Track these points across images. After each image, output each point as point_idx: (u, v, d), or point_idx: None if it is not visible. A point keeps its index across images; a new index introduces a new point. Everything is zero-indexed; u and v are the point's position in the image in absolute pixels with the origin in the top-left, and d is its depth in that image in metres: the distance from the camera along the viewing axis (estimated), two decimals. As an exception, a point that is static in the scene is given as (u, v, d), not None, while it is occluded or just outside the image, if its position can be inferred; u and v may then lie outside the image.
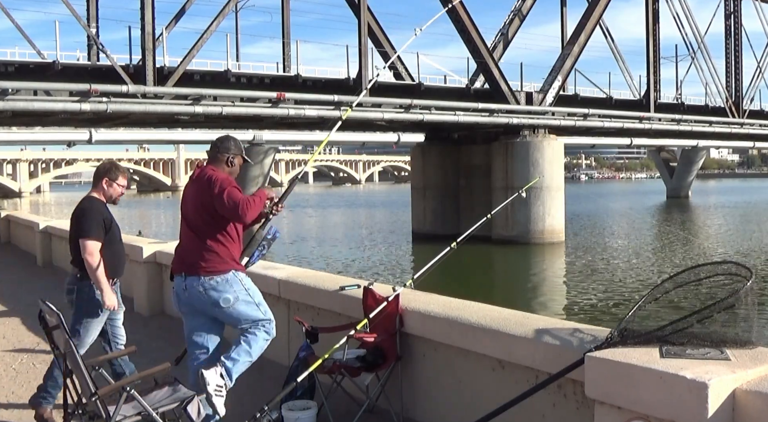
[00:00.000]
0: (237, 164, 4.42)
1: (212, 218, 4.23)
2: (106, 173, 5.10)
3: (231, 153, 4.39)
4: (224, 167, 4.36)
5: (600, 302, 17.41)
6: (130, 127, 30.10)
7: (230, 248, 4.28)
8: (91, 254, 4.84)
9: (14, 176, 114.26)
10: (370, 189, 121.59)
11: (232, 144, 4.44)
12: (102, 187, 5.09)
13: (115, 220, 5.14)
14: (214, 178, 4.22)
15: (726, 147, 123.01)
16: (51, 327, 3.87)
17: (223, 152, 4.38)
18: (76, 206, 5.12)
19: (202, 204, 4.25)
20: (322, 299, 5.41)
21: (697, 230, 37.68)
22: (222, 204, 4.13)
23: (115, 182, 5.12)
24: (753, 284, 3.01)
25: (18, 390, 5.61)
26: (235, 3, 26.96)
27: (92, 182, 5.15)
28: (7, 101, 20.89)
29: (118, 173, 5.13)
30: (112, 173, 5.10)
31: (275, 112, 25.38)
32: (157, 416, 3.65)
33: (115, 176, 5.12)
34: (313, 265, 22.15)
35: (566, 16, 38.15)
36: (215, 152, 4.39)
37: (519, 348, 3.77)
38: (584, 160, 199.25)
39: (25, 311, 8.16)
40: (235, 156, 4.41)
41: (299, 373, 4.31)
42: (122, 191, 5.22)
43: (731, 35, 43.42)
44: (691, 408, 2.73)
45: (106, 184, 5.09)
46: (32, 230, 14.54)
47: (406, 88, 29.42)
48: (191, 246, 4.32)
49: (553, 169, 29.53)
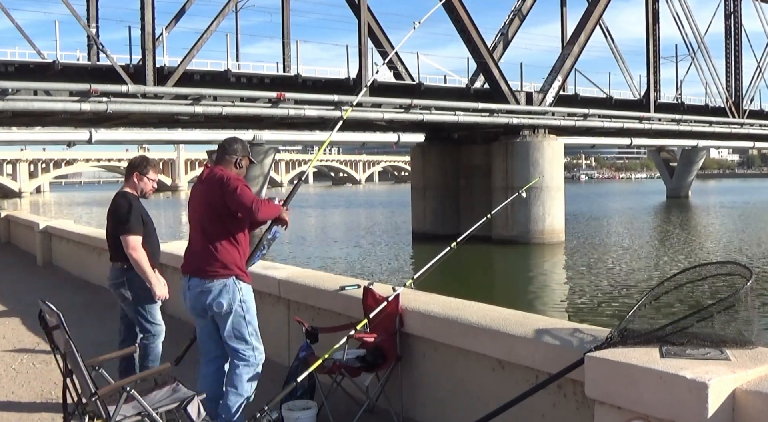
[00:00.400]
0: (244, 166, 4.44)
1: (219, 218, 4.24)
2: (137, 167, 5.24)
3: (239, 155, 4.41)
4: (233, 169, 4.38)
5: (600, 302, 17.40)
6: (130, 127, 30.08)
7: (233, 253, 4.27)
8: (135, 249, 4.98)
9: (14, 176, 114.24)
10: (370, 189, 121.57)
11: (240, 146, 4.45)
12: (133, 181, 5.24)
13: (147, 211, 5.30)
14: (227, 176, 4.25)
15: (726, 147, 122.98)
16: (51, 327, 3.86)
17: (231, 153, 4.40)
18: (111, 202, 5.24)
19: (209, 204, 4.27)
20: (322, 299, 5.41)
21: (697, 230, 37.69)
22: (235, 200, 4.15)
23: (146, 176, 5.26)
24: (753, 284, 3.02)
25: (18, 390, 5.61)
26: (235, 3, 26.95)
27: (124, 177, 5.33)
28: (7, 101, 20.88)
29: (148, 167, 5.26)
30: (142, 168, 5.23)
31: (275, 112, 25.37)
32: (157, 416, 3.65)
33: (146, 171, 5.25)
34: (313, 265, 22.16)
35: (566, 16, 38.14)
36: (223, 154, 4.41)
37: (519, 348, 3.77)
38: (584, 160, 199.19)
39: (25, 311, 8.15)
40: (243, 158, 4.43)
41: (299, 373, 4.31)
42: (153, 186, 5.37)
43: (731, 35, 43.41)
44: (691, 408, 2.73)
45: (137, 178, 5.23)
46: (32, 230, 14.54)
47: (406, 88, 29.41)
48: (197, 247, 4.36)
49: (553, 169, 29.52)
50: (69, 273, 12.24)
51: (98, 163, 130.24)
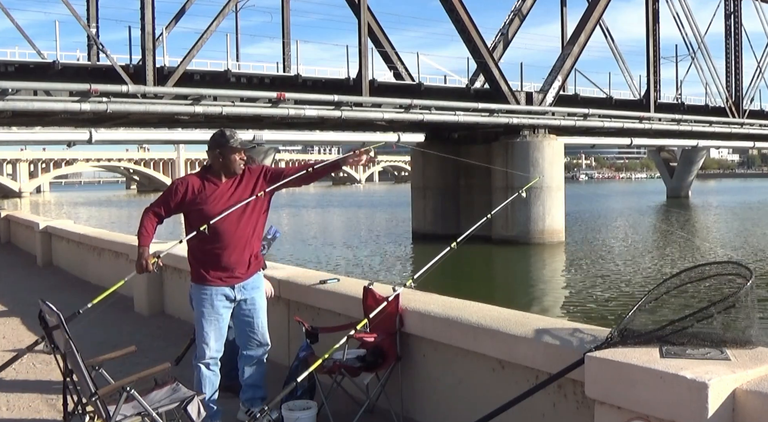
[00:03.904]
0: (227, 155, 4.37)
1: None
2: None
3: (213, 151, 4.43)
4: (216, 163, 4.43)
5: (600, 302, 17.41)
6: (130, 127, 30.07)
7: (195, 261, 4.46)
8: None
9: (14, 176, 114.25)
10: (370, 189, 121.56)
11: (210, 142, 4.47)
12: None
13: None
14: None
15: (726, 147, 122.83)
16: (51, 327, 3.86)
17: (208, 151, 4.50)
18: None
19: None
20: (322, 299, 5.41)
21: (697, 230, 37.68)
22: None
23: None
24: (753, 284, 3.01)
25: (18, 390, 5.61)
26: (235, 3, 26.96)
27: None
28: (7, 101, 20.88)
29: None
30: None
31: (275, 112, 25.37)
32: (157, 416, 3.65)
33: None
34: (313, 265, 22.15)
35: (566, 16, 38.15)
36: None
37: (519, 348, 3.76)
38: (584, 160, 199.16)
39: (25, 311, 8.14)
40: (212, 150, 4.43)
41: (299, 373, 4.30)
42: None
43: (731, 35, 43.41)
44: (691, 408, 2.73)
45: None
46: (32, 230, 14.53)
47: (406, 88, 29.41)
48: None
49: (553, 169, 29.54)
50: (69, 273, 12.24)
51: (98, 163, 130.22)
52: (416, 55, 30.41)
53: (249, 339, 4.53)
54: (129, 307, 8.78)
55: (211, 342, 4.37)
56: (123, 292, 9.25)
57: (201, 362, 4.38)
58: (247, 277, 4.45)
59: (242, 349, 4.59)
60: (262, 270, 4.59)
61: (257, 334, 4.53)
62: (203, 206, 4.32)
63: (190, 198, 4.35)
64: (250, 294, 4.48)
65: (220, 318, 4.40)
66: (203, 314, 4.38)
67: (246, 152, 4.46)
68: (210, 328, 4.37)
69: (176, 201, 4.39)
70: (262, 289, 4.61)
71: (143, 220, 4.41)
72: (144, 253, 4.36)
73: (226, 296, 4.40)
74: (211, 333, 4.37)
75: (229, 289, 4.40)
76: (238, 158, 4.38)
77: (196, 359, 4.43)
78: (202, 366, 4.38)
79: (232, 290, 4.41)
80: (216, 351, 4.40)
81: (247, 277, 4.45)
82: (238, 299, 4.44)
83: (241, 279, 4.42)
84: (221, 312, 4.40)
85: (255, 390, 4.60)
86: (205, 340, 4.37)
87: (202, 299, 4.39)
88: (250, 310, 4.49)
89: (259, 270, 4.57)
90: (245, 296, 4.46)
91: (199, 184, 4.39)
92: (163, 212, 4.43)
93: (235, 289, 4.42)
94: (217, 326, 4.39)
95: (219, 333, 4.41)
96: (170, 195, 4.42)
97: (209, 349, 4.37)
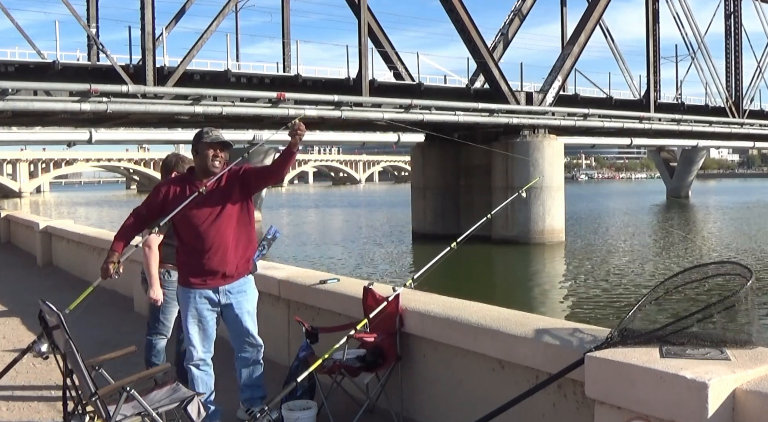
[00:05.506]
0: (201, 151, 4.35)
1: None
2: (174, 167, 5.23)
3: (191, 151, 4.50)
4: (196, 163, 4.46)
5: (600, 302, 17.40)
6: (130, 127, 30.11)
7: (180, 264, 4.52)
8: (149, 246, 5.03)
9: (14, 176, 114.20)
10: (370, 189, 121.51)
11: (193, 141, 4.50)
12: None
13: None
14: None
15: (726, 147, 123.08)
16: (51, 327, 3.86)
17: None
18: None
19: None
20: (322, 299, 5.41)
21: (697, 230, 37.67)
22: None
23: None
24: (753, 284, 3.01)
25: (18, 390, 5.61)
26: (235, 3, 26.96)
27: (160, 176, 5.33)
28: (7, 101, 20.89)
29: (184, 166, 5.20)
30: (179, 167, 5.20)
31: (275, 112, 25.37)
32: (157, 416, 3.65)
33: (182, 169, 5.19)
34: (313, 265, 22.15)
35: (566, 16, 38.16)
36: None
37: (519, 348, 3.76)
38: (584, 160, 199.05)
39: (25, 311, 8.14)
40: (192, 150, 4.47)
41: (299, 373, 4.30)
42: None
43: (731, 35, 43.40)
44: (691, 408, 2.73)
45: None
46: (32, 230, 14.54)
47: (406, 88, 29.41)
48: None
49: (553, 169, 29.52)
50: (69, 273, 12.24)
51: (98, 163, 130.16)
52: (416, 55, 30.49)
53: (241, 341, 4.54)
54: (129, 307, 8.79)
55: (198, 343, 4.40)
56: (123, 292, 9.30)
57: (190, 363, 4.42)
58: (232, 280, 4.40)
59: (237, 351, 4.59)
60: (251, 274, 4.54)
61: (247, 336, 4.52)
62: (184, 209, 4.29)
63: (171, 200, 4.34)
64: (236, 298, 4.43)
65: (204, 319, 4.40)
66: (188, 316, 4.41)
67: (223, 149, 4.37)
68: (194, 330, 4.39)
69: (158, 202, 4.40)
70: (250, 292, 4.54)
71: (124, 222, 4.44)
72: (109, 257, 4.36)
73: (209, 299, 4.38)
74: (196, 334, 4.40)
75: (212, 292, 4.37)
76: (212, 154, 4.33)
77: (186, 361, 4.46)
78: (192, 367, 4.41)
79: (216, 294, 4.38)
80: (204, 352, 4.42)
81: (232, 280, 4.40)
82: (223, 302, 4.40)
83: (225, 282, 4.38)
84: (205, 315, 4.40)
85: (254, 390, 4.61)
86: (191, 342, 4.40)
87: (187, 301, 4.41)
88: (238, 314, 4.46)
89: (247, 274, 4.50)
90: (230, 300, 4.41)
91: (182, 186, 4.39)
92: (147, 213, 4.44)
93: (219, 292, 4.38)
94: (202, 327, 4.40)
95: (205, 334, 4.42)
96: (153, 197, 4.44)
97: (196, 351, 4.40)
